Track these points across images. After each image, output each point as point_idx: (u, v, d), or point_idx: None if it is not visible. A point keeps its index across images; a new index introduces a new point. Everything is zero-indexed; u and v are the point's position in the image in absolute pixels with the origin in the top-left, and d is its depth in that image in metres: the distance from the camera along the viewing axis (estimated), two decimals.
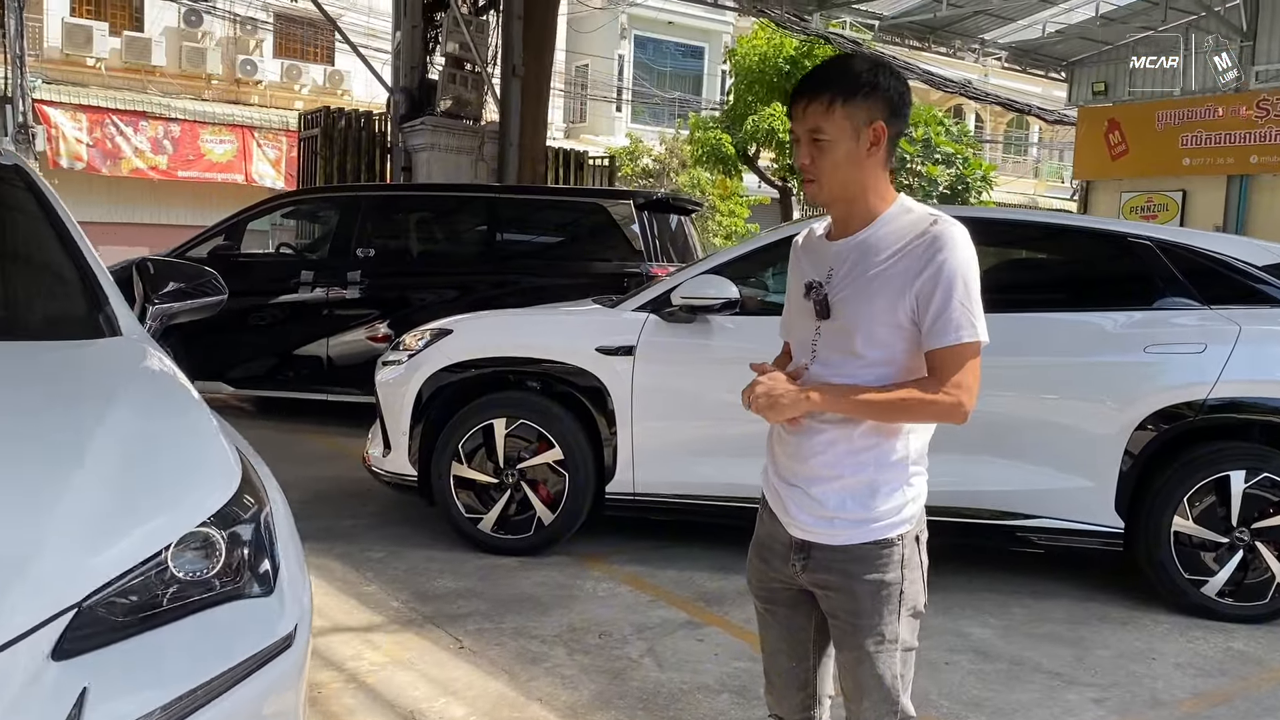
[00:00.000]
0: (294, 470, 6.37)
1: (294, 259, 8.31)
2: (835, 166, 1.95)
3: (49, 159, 19.35)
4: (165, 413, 1.96)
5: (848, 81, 1.93)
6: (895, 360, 1.97)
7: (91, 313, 2.41)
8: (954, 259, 1.91)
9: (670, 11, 28.81)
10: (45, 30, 20.68)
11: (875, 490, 1.98)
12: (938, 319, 1.91)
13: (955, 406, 1.92)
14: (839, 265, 2.01)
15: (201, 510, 1.68)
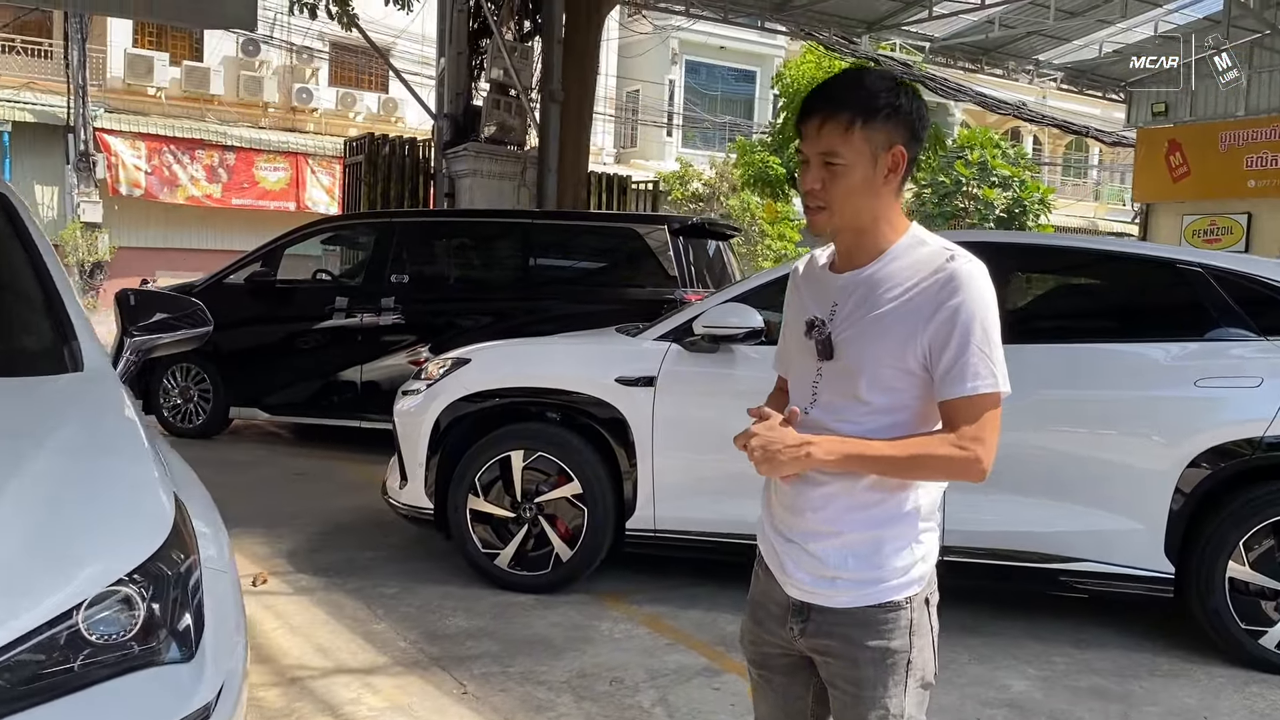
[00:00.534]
0: (321, 500, 6.32)
1: (330, 285, 8.29)
2: (849, 194, 1.76)
3: (109, 186, 19.76)
4: (98, 456, 1.84)
5: (868, 101, 1.74)
6: (903, 407, 1.79)
7: (56, 346, 2.32)
8: (971, 300, 1.72)
9: (721, 36, 28.73)
10: (109, 60, 21.17)
11: (880, 548, 1.80)
12: (953, 366, 1.72)
13: (972, 463, 1.73)
14: (844, 301, 1.82)
15: (120, 565, 1.56)
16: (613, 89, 29.19)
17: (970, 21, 14.82)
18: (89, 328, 2.41)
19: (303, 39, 23.11)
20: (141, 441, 1.96)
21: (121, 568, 1.56)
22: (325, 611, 4.37)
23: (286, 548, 5.27)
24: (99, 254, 19.40)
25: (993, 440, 1.76)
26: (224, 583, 1.81)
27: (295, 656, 3.88)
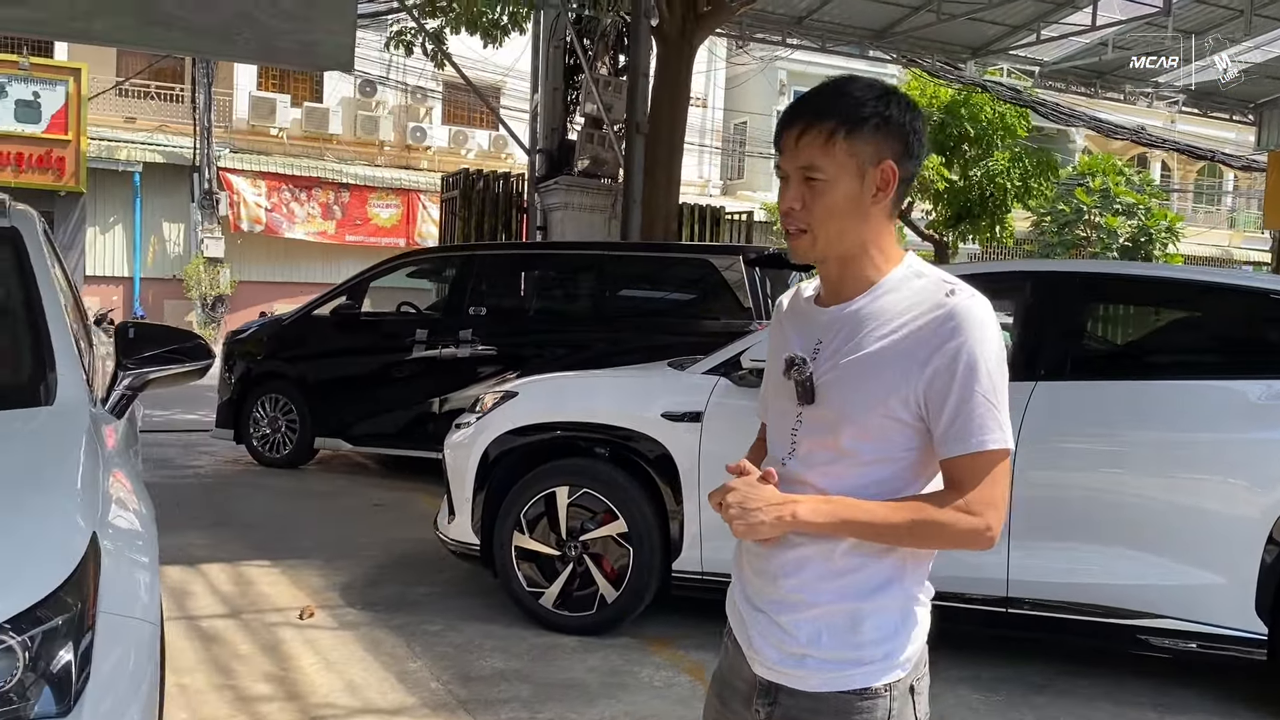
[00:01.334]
0: (388, 532, 6.33)
1: (413, 318, 8.38)
2: (831, 213, 1.55)
3: (231, 223, 20.64)
4: (12, 494, 1.79)
5: (853, 110, 1.54)
6: (892, 460, 1.57)
7: (33, 380, 2.32)
8: (975, 342, 1.50)
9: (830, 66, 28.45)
10: (234, 103, 22.21)
11: (858, 624, 1.56)
12: (955, 419, 1.50)
13: (979, 531, 1.51)
14: (829, 338, 1.60)
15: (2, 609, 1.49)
16: (719, 121, 29.22)
17: (1082, 44, 14.25)
18: (74, 362, 2.41)
19: (417, 79, 23.81)
20: (72, 482, 1.91)
21: (3, 613, 1.50)
22: (363, 648, 4.32)
23: (342, 580, 5.27)
24: (220, 288, 20.25)
25: (1003, 503, 1.53)
26: (137, 633, 1.73)
27: (323, 694, 3.84)
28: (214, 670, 4.00)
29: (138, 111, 21.75)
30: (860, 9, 13.48)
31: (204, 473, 8.30)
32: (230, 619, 4.63)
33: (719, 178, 29.59)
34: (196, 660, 4.10)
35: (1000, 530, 1.53)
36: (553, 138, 12.52)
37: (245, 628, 4.52)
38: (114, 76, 20.90)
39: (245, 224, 20.86)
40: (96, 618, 1.63)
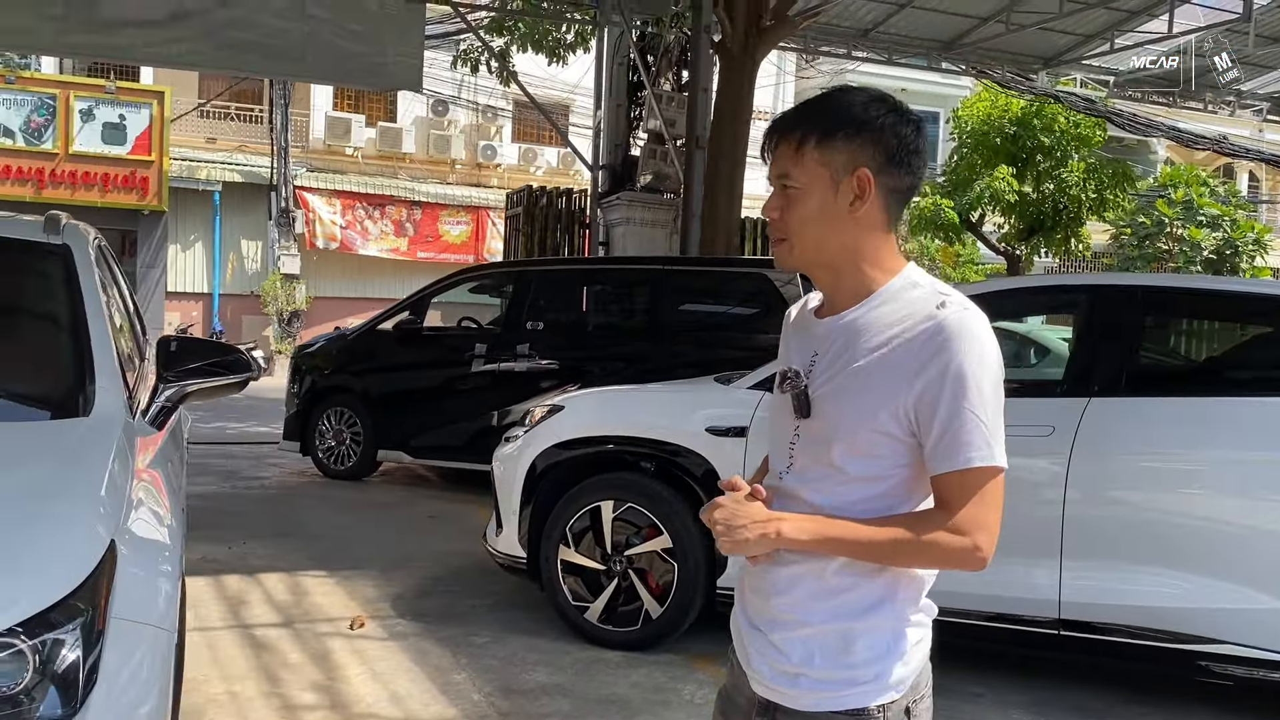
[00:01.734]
0: (444, 543, 6.39)
1: (472, 332, 8.47)
2: (804, 222, 1.54)
3: (306, 240, 21.13)
4: (34, 503, 1.85)
5: (826, 118, 1.53)
6: (884, 477, 1.54)
7: (73, 392, 2.39)
8: (964, 356, 1.47)
9: (903, 78, 28.13)
10: (311, 123, 22.76)
11: (850, 643, 1.54)
12: (944, 436, 1.47)
13: (967, 552, 1.48)
14: (824, 351, 1.59)
15: (7, 617, 1.54)
16: None
17: (1159, 52, 13.89)
18: (113, 375, 2.48)
19: (488, 98, 24.16)
20: (95, 492, 1.96)
21: (14, 616, 1.54)
22: (410, 658, 4.36)
23: (394, 591, 5.33)
24: (296, 303, 20.73)
25: (994, 523, 1.49)
26: (151, 639, 1.77)
27: (367, 704, 3.88)
28: (263, 678, 4.07)
29: (218, 132, 22.41)
30: (928, 20, 13.30)
31: (270, 484, 8.48)
32: (283, 628, 4.71)
33: None
34: (248, 668, 4.17)
35: (992, 552, 1.48)
36: (616, 153, 12.59)
37: (297, 637, 4.59)
38: (196, 99, 21.59)
39: (320, 241, 21.34)
40: (109, 623, 1.67)
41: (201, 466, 9.11)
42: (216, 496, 7.80)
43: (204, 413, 14.18)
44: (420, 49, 11.80)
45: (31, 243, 2.84)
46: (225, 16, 10.51)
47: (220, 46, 10.58)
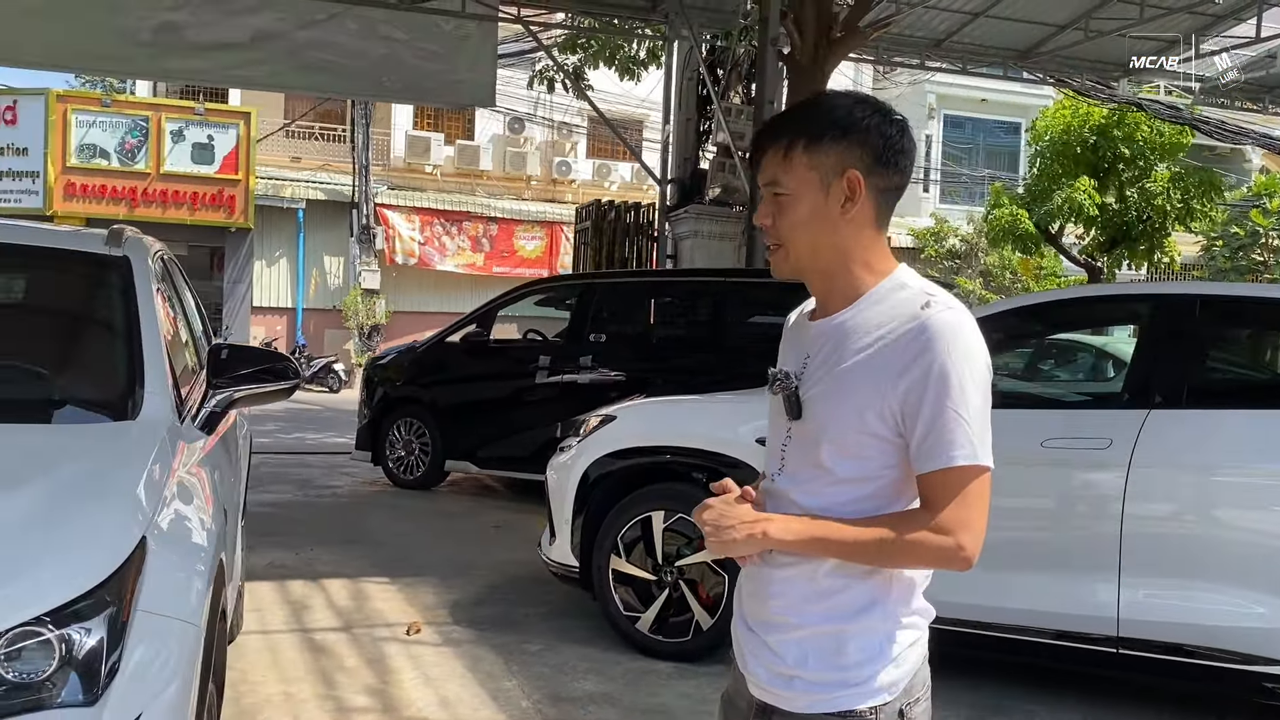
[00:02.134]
0: (505, 553, 6.47)
1: (537, 344, 8.57)
2: (796, 227, 1.56)
3: (386, 256, 21.60)
4: (73, 501, 1.94)
5: (813, 122, 1.55)
6: (872, 478, 1.54)
7: (121, 397, 2.50)
8: (947, 356, 1.47)
9: (982, 89, 27.69)
10: (392, 142, 23.29)
11: (843, 646, 1.55)
12: (928, 435, 1.48)
13: (950, 551, 1.48)
14: (815, 352, 1.61)
15: (35, 606, 1.62)
16: None
17: (1247, 57, 13.43)
18: (162, 381, 2.58)
19: (563, 115, 24.45)
20: (131, 491, 2.05)
21: (34, 610, 1.62)
22: (463, 664, 4.42)
23: (453, 598, 5.41)
24: (376, 318, 21.19)
25: (978, 522, 1.49)
26: (177, 634, 1.84)
27: (417, 707, 3.94)
28: (319, 680, 4.17)
29: (303, 151, 23.07)
30: (1003, 29, 13.09)
31: (341, 493, 8.68)
32: (342, 632, 4.82)
33: None
34: (305, 670, 4.28)
35: (978, 552, 1.48)
36: (685, 167, 12.65)
37: (355, 641, 4.69)
38: (281, 119, 22.26)
39: (399, 257, 21.79)
40: (135, 616, 1.74)
41: (278, 475, 9.37)
42: (290, 504, 8.00)
43: (284, 423, 14.59)
44: (493, 66, 12.03)
45: (94, 255, 2.97)
46: (304, 38, 10.85)
47: (298, 68, 10.92)
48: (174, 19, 10.53)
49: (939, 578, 1.58)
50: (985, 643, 3.95)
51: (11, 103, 18.93)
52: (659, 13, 12.43)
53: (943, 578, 1.57)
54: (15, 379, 2.66)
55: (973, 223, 24.25)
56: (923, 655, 1.59)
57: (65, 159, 19.08)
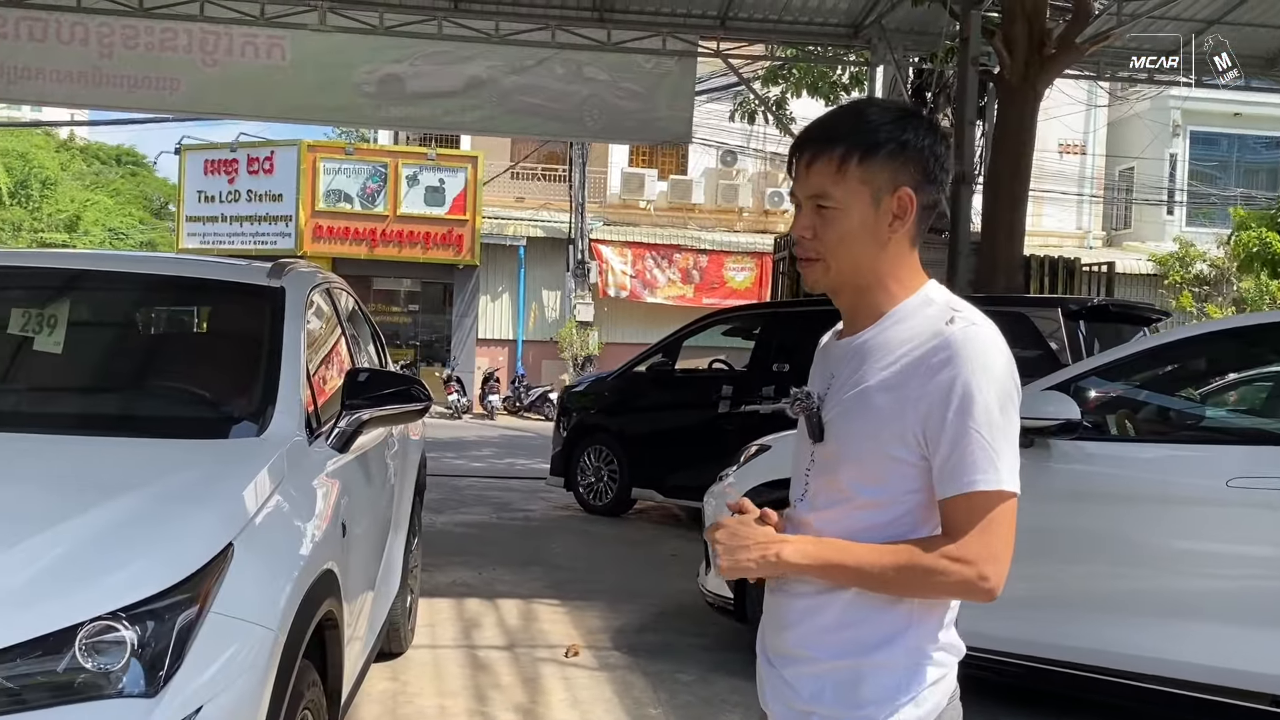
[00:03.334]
0: (678, 582, 6.48)
1: (721, 375, 8.57)
2: (843, 241, 1.50)
3: (599, 289, 22.25)
4: (175, 505, 2.11)
5: (866, 134, 1.50)
6: (894, 503, 1.47)
7: (254, 414, 2.70)
8: (971, 374, 1.40)
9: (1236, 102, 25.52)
10: (608, 180, 24.05)
11: (860, 682, 1.48)
12: (950, 457, 1.41)
13: (971, 582, 1.41)
14: (839, 373, 1.56)
15: (113, 601, 1.77)
16: (1101, 169, 27.17)
17: None
18: (293, 401, 2.77)
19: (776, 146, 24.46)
20: (229, 499, 2.21)
21: (119, 601, 1.77)
22: (613, 689, 4.45)
23: (617, 623, 5.46)
24: (590, 349, 21.84)
25: (1002, 551, 1.41)
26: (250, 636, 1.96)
27: None
28: (473, 696, 4.31)
29: (526, 192, 24.21)
30: (1242, 36, 12.02)
31: (533, 517, 8.96)
32: (505, 650, 4.97)
33: (1100, 229, 27.47)
34: (462, 685, 4.44)
35: (1001, 583, 1.40)
36: None
37: (515, 660, 4.82)
38: (507, 161, 23.46)
39: (612, 290, 22.40)
40: (208, 616, 1.87)
41: (481, 497, 9.81)
42: (484, 525, 8.35)
43: (498, 449, 15.27)
44: (691, 102, 12.22)
45: (256, 285, 3.24)
46: (512, 84, 11.42)
47: (507, 112, 11.50)
48: (396, 71, 11.35)
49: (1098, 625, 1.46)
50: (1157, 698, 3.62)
51: (269, 153, 20.91)
52: (861, 38, 12.24)
53: (1113, 624, 1.43)
54: (161, 396, 2.94)
55: (1223, 246, 22.33)
56: (948, 694, 1.49)
57: (314, 203, 20.84)
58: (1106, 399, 4.22)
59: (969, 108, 9.78)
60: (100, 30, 10.67)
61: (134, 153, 39.24)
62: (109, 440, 2.58)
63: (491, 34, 10.98)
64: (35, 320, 3.04)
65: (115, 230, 32.02)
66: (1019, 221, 10.83)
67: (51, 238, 28.04)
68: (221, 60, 10.93)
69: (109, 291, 3.38)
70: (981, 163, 11.30)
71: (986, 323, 1.47)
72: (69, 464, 2.38)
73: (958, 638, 1.53)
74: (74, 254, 6.21)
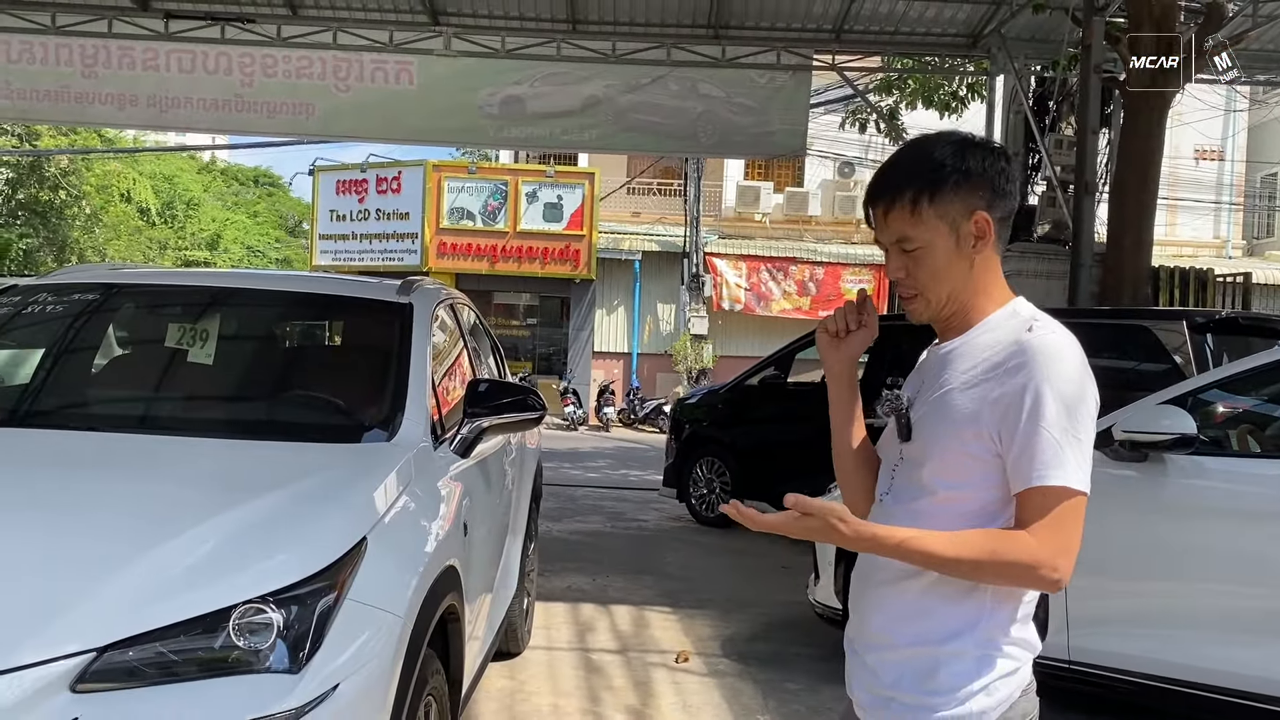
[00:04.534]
0: (785, 593, 6.53)
1: None
2: (936, 276, 1.61)
3: (714, 303, 22.35)
4: (313, 503, 2.31)
5: (930, 173, 1.59)
6: (972, 498, 1.56)
7: (385, 421, 2.90)
8: (1046, 376, 1.50)
9: None
10: (723, 193, 24.16)
11: (935, 669, 1.56)
12: (1022, 454, 1.50)
13: (1040, 570, 1.48)
14: (929, 378, 1.68)
15: (262, 587, 1.96)
16: (1240, 175, 25.98)
17: None
18: (420, 409, 2.97)
19: None
20: (363, 497, 2.41)
21: (267, 587, 1.97)
22: (722, 695, 4.54)
23: (727, 632, 5.55)
24: (704, 362, 21.95)
25: (1071, 544, 1.50)
26: (381, 621, 2.15)
27: None
28: (586, 696, 4.46)
29: (642, 207, 24.52)
30: None
31: (647, 526, 9.11)
32: (617, 654, 5.11)
33: (1239, 238, 26.25)
34: (575, 686, 4.60)
35: (1069, 576, 1.49)
36: None
37: (627, 664, 4.96)
38: (624, 177, 23.81)
39: (726, 303, 22.48)
40: (344, 602, 2.06)
41: (596, 507, 10.03)
42: (598, 534, 8.54)
43: (613, 460, 15.51)
44: (805, 115, 12.25)
45: (385, 301, 3.47)
46: (629, 102, 11.65)
47: (623, 129, 11.74)
48: (517, 93, 11.71)
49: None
50: None
51: (397, 174, 21.73)
52: (980, 48, 12.08)
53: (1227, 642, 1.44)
54: (301, 404, 3.19)
55: None
56: (1020, 687, 1.56)
57: (439, 221, 21.55)
58: (1228, 414, 4.13)
59: (1092, 116, 9.56)
60: (242, 60, 11.33)
61: (270, 174, 41.22)
62: (254, 444, 2.82)
63: (608, 54, 11.25)
64: (190, 334, 3.32)
65: (253, 248, 33.69)
66: (1146, 232, 10.52)
67: (194, 255, 29.69)
68: (353, 85, 11.47)
69: (255, 308, 3.67)
70: (1107, 171, 11.03)
71: (1064, 332, 1.56)
72: (221, 465, 2.63)
73: (1034, 634, 1.60)
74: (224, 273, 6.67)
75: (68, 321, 3.47)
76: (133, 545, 2.05)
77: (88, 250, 24.23)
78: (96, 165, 24.64)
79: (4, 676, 1.75)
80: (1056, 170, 11.30)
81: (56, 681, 1.79)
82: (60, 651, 1.80)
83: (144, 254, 26.27)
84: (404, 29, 11.17)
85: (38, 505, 2.31)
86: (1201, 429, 3.83)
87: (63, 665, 1.80)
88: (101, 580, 1.93)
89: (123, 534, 2.12)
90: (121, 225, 25.70)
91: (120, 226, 25.63)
